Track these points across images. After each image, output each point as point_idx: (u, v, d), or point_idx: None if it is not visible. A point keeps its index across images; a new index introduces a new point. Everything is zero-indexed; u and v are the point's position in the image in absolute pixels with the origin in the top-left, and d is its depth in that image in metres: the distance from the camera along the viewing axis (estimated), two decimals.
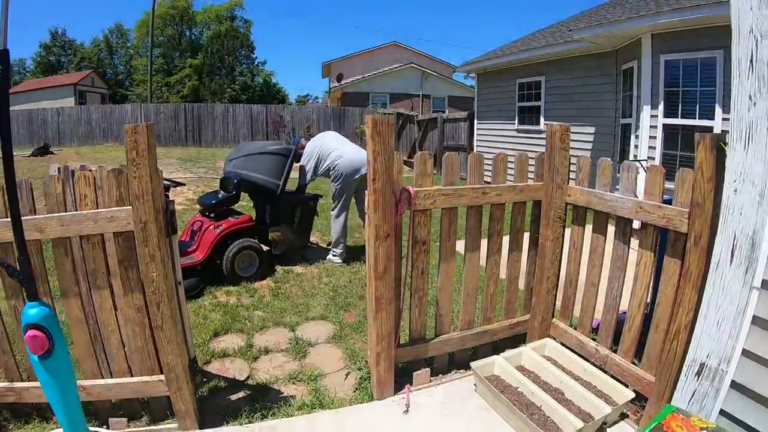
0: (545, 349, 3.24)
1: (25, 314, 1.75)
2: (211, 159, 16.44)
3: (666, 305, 2.54)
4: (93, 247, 2.37)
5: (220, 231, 4.72)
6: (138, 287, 2.39)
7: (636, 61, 7.59)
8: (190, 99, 38.97)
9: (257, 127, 23.03)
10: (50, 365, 1.79)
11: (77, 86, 35.70)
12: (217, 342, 3.57)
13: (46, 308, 1.78)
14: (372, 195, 2.60)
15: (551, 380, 2.91)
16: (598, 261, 3.05)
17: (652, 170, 2.64)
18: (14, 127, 22.77)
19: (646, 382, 2.62)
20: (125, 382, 2.52)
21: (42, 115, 22.96)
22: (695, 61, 6.66)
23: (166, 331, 2.35)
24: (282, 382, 3.08)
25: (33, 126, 22.87)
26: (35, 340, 1.73)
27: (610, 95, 8.90)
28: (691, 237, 2.32)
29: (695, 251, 2.29)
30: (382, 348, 2.78)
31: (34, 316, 1.74)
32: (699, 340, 2.20)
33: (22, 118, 23.09)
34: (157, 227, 2.23)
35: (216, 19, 44.91)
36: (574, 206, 3.19)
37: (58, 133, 22.50)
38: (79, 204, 2.36)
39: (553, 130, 3.12)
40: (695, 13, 6.22)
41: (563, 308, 3.36)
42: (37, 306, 1.76)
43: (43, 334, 1.73)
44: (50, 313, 1.79)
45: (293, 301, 4.36)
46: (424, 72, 28.01)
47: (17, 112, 24.10)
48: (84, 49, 48.40)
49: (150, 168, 2.18)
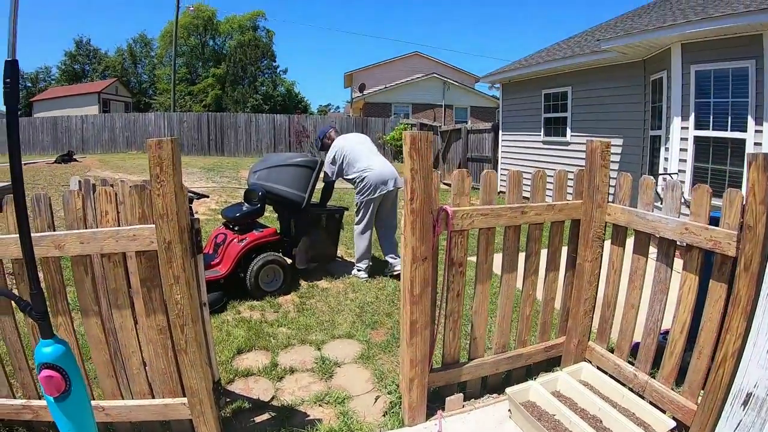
0: (581, 374, 3.10)
1: (39, 353, 1.60)
2: (234, 168, 16.47)
3: (710, 330, 2.42)
4: (114, 265, 2.27)
5: (244, 244, 4.63)
6: (161, 308, 2.29)
7: (665, 72, 7.42)
8: (212, 108, 39.39)
9: (280, 137, 23.10)
10: (67, 407, 1.64)
11: (101, 94, 36.29)
12: (240, 360, 3.46)
13: (61, 346, 1.63)
14: (409, 216, 2.46)
15: (589, 407, 2.77)
16: (639, 283, 2.91)
17: (698, 190, 2.50)
18: (39, 134, 23.28)
19: (687, 410, 2.49)
20: (146, 404, 2.43)
21: (66, 122, 23.34)
22: (726, 71, 6.48)
23: (189, 354, 2.24)
24: (308, 405, 2.95)
25: (57, 133, 23.27)
26: (50, 381, 1.58)
27: (638, 106, 8.71)
28: (741, 261, 2.20)
29: (745, 276, 2.16)
30: (416, 374, 2.64)
31: (49, 355, 1.59)
32: (747, 368, 2.08)
33: (47, 124, 23.54)
34: (182, 247, 2.12)
35: (239, 29, 45.47)
36: (614, 226, 3.05)
37: (81, 140, 22.83)
38: (99, 221, 2.27)
39: (594, 147, 2.98)
40: (726, 22, 6.06)
41: (600, 331, 3.21)
42: (52, 344, 1.61)
43: (58, 375, 1.58)
44: (67, 351, 1.63)
45: (318, 317, 4.25)
46: (446, 82, 27.97)
47: (42, 118, 24.59)
48: (108, 58, 49.35)
49: (175, 185, 2.06)
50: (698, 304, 2.56)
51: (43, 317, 1.60)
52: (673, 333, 2.64)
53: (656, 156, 8.00)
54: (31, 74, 49.64)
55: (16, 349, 2.41)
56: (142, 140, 22.80)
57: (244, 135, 23.03)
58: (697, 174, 6.76)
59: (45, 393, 1.60)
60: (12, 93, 1.33)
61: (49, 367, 1.57)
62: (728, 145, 6.40)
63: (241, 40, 43.58)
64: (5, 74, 1.30)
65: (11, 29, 1.32)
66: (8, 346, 2.41)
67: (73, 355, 1.68)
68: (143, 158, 19.58)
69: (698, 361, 2.48)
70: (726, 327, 2.26)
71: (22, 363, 2.43)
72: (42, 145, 23.14)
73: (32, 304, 1.59)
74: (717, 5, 7.25)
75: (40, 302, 1.59)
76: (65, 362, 1.60)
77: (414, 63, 30.91)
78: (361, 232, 5.39)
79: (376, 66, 31.53)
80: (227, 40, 46.75)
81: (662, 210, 2.71)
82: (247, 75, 42.35)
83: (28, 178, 12.05)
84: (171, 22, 37.87)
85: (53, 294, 2.29)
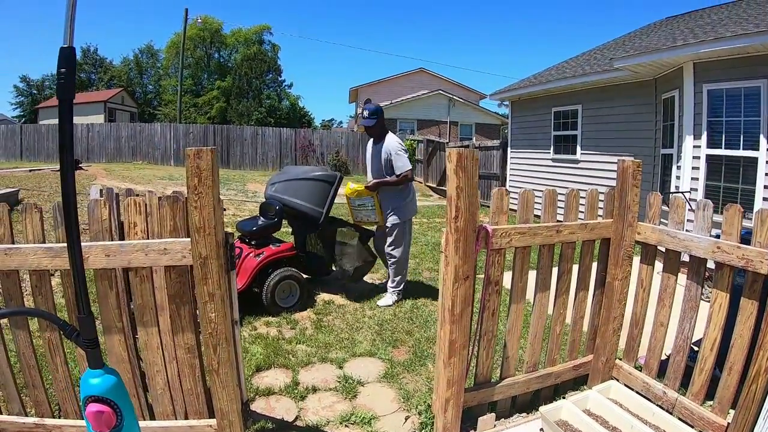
0: (610, 392, 3.05)
1: (86, 384, 1.41)
2: (241, 181, 16.44)
3: (741, 347, 2.45)
4: (141, 280, 2.19)
5: (261, 259, 4.56)
6: (190, 326, 2.23)
7: (677, 91, 7.43)
8: (217, 120, 39.45)
9: (286, 150, 23.09)
10: None
11: (107, 103, 36.44)
12: (260, 378, 3.38)
13: (113, 377, 1.44)
14: (453, 234, 2.41)
15: (620, 425, 2.74)
16: (668, 301, 2.92)
17: (730, 210, 2.53)
18: (44, 141, 23.32)
19: (717, 426, 2.50)
20: (170, 426, 2.34)
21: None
22: (739, 91, 6.50)
23: (221, 375, 2.16)
24: (334, 425, 2.87)
25: None
26: (100, 417, 1.38)
27: (649, 125, 8.70)
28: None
29: None
30: (452, 394, 2.57)
31: (99, 387, 1.40)
32: None
33: (53, 132, 23.56)
34: (218, 263, 2.04)
35: (245, 42, 45.67)
36: (644, 244, 3.05)
37: (87, 149, 22.77)
38: (127, 233, 2.20)
39: (626, 166, 2.96)
40: (739, 42, 6.10)
41: (627, 349, 3.21)
42: (102, 374, 1.42)
43: (109, 409, 1.39)
44: (118, 382, 1.45)
45: (337, 335, 4.17)
46: (451, 99, 28.09)
47: (48, 126, 24.61)
48: (114, 68, 49.59)
49: (213, 197, 2.00)
50: (726, 322, 2.58)
51: (92, 345, 1.41)
52: (703, 350, 2.67)
53: (668, 174, 7.98)
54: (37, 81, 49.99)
55: (30, 366, 2.32)
56: (147, 150, 22.82)
57: (250, 148, 23.01)
58: (708, 192, 6.74)
59: (93, 429, 1.41)
60: (67, 84, 1.19)
61: (98, 401, 1.40)
62: (740, 163, 6.41)
63: (247, 53, 43.75)
64: (60, 63, 1.17)
65: (68, 14, 1.20)
66: (22, 362, 2.32)
67: (125, 386, 1.51)
68: (148, 168, 19.61)
69: (729, 377, 2.50)
70: (759, 344, 2.27)
71: (36, 380, 2.34)
72: (47, 152, 23.14)
73: (80, 329, 1.41)
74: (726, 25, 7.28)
75: (90, 328, 1.41)
76: (117, 395, 1.43)
77: (419, 79, 31.07)
78: (404, 256, 5.07)
79: (381, 81, 31.64)
80: (233, 53, 46.97)
81: (693, 229, 2.73)
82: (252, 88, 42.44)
83: (34, 184, 12.02)
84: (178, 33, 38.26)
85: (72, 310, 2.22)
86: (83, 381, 1.41)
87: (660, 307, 2.96)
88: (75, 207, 1.29)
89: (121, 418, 1.42)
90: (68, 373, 2.34)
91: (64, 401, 2.37)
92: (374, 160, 5.02)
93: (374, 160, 5.02)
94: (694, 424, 2.64)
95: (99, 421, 1.38)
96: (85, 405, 1.40)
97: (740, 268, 2.46)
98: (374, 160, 5.02)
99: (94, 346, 1.40)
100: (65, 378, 2.33)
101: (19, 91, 49.74)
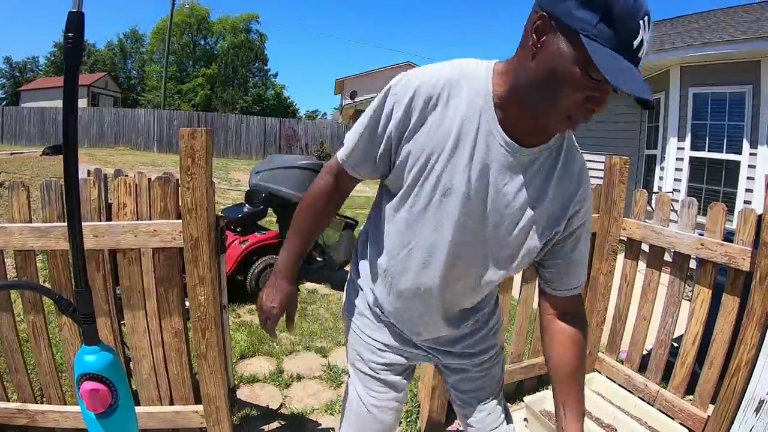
0: (593, 384, 3.13)
1: (81, 361, 1.32)
2: (224, 169, 16.31)
3: (722, 342, 2.55)
4: (129, 262, 2.15)
5: (246, 246, 4.53)
6: (177, 310, 2.20)
7: (663, 93, 7.54)
8: (201, 108, 38.97)
9: (270, 140, 22.95)
10: (111, 423, 1.36)
11: (91, 88, 35.82)
12: (244, 365, 3.37)
13: (109, 353, 1.34)
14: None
15: (603, 416, 2.81)
16: (651, 296, 3.01)
17: (714, 208, 2.63)
18: (25, 124, 22.93)
19: (698, 418, 2.60)
20: (156, 412, 2.31)
21: (54, 114, 22.88)
22: (724, 95, 6.63)
23: (209, 360, 2.14)
24: (319, 413, 2.88)
25: (44, 124, 22.87)
26: (95, 395, 1.30)
27: (634, 125, 8.81)
28: (756, 275, 2.30)
29: (761, 290, 2.27)
30: (438, 382, 2.57)
31: (95, 364, 1.31)
32: (760, 376, 2.24)
33: (34, 115, 23.15)
34: (209, 246, 2.03)
35: (231, 30, 45.20)
36: (629, 240, 3.12)
37: None
38: (116, 214, 2.16)
39: (613, 162, 3.03)
40: (726, 48, 6.21)
41: (610, 342, 3.29)
42: (98, 351, 1.32)
43: (105, 388, 1.31)
44: (115, 360, 1.35)
45: (322, 324, 4.17)
46: None
47: (29, 108, 24.15)
48: (98, 52, 48.75)
49: (206, 179, 1.98)
50: (708, 318, 2.68)
51: (89, 320, 1.32)
52: (685, 344, 2.76)
53: (651, 175, 8.10)
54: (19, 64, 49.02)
55: (13, 349, 2.26)
56: (130, 136, 22.56)
57: (234, 136, 22.84)
58: (691, 193, 6.88)
59: (87, 408, 1.33)
60: (75, 48, 1.13)
61: (93, 379, 1.31)
62: (723, 166, 6.56)
63: (234, 41, 43.36)
64: (68, 27, 1.11)
65: None
66: (5, 345, 2.26)
67: (121, 364, 1.42)
68: (130, 154, 19.39)
69: (709, 371, 2.59)
70: (740, 338, 2.36)
71: (18, 364, 2.28)
72: (28, 136, 22.74)
73: (77, 303, 1.30)
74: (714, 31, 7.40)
75: (87, 302, 1.31)
76: (113, 373, 1.34)
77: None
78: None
79: (367, 74, 31.45)
80: (219, 41, 46.48)
81: (678, 226, 2.83)
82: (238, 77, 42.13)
83: (15, 167, 11.82)
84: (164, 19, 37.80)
85: (59, 291, 2.16)
86: (78, 358, 1.34)
87: (643, 301, 3.04)
88: (76, 170, 1.23)
89: (117, 397, 1.35)
90: (52, 356, 2.30)
91: (47, 386, 2.33)
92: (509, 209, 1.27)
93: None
94: (675, 416, 2.72)
95: (94, 399, 1.31)
96: (79, 383, 1.33)
97: (723, 265, 2.55)
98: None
99: (91, 322, 1.32)
100: (49, 362, 2.29)
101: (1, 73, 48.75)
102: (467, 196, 1.19)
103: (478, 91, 1.16)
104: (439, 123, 1.17)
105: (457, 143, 1.16)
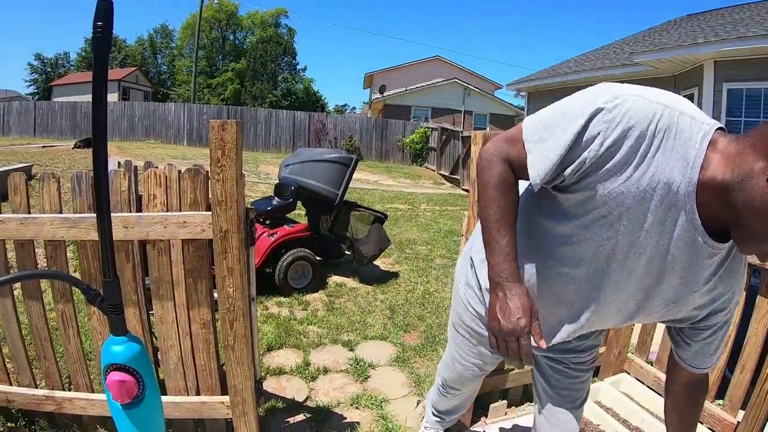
0: (621, 385, 3.08)
1: (108, 351, 1.32)
2: (254, 163, 16.41)
3: (754, 346, 2.44)
4: (159, 253, 2.15)
5: (275, 239, 4.54)
6: (206, 301, 2.19)
7: (697, 89, 7.34)
8: (230, 102, 39.39)
9: (299, 134, 23.01)
10: (138, 414, 1.36)
11: (122, 82, 36.45)
12: (271, 357, 3.37)
13: (136, 344, 1.34)
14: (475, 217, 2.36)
15: (630, 418, 2.78)
16: None
17: None
18: (57, 118, 23.36)
19: (727, 424, 2.52)
20: (181, 401, 2.30)
21: (86, 108, 23.22)
22: (759, 91, 6.42)
23: (237, 351, 2.12)
24: (344, 406, 2.86)
25: (76, 118, 23.28)
26: (122, 386, 1.30)
27: None
28: None
29: None
30: None
31: (122, 355, 1.31)
32: None
33: (66, 109, 23.59)
34: (238, 237, 2.00)
35: (261, 25, 45.53)
36: None
37: None
38: (146, 205, 2.16)
39: None
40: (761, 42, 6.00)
41: (640, 343, 3.21)
42: (126, 341, 1.33)
43: (132, 379, 1.30)
44: (142, 351, 1.35)
45: (349, 317, 4.15)
46: (466, 88, 27.88)
47: (61, 103, 24.64)
48: (128, 47, 49.55)
49: (236, 170, 1.95)
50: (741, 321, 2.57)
51: (117, 310, 1.31)
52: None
53: None
54: (51, 59, 50.10)
55: (42, 337, 2.30)
56: (160, 130, 22.85)
57: (263, 130, 22.95)
58: None
59: (113, 399, 1.33)
60: (104, 38, 1.10)
61: (120, 369, 1.31)
62: None
63: (263, 36, 43.64)
64: (97, 16, 1.09)
65: None
66: (34, 334, 2.30)
67: (148, 355, 1.42)
68: (161, 147, 19.65)
69: (741, 375, 2.50)
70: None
71: (48, 352, 2.32)
72: (60, 130, 23.20)
73: (105, 294, 1.30)
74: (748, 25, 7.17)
75: (115, 293, 1.30)
76: (140, 364, 1.33)
77: (435, 67, 30.85)
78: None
79: (396, 68, 31.48)
80: (248, 36, 46.86)
81: None
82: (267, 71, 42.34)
83: (47, 160, 12.06)
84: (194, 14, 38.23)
85: (89, 281, 2.17)
86: (105, 348, 1.33)
87: None
88: (106, 161, 1.21)
89: (144, 388, 1.34)
90: (80, 345, 2.32)
91: (75, 374, 2.35)
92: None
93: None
94: (704, 421, 2.64)
95: (121, 390, 1.31)
96: (105, 374, 1.32)
97: (756, 267, 2.43)
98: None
99: (118, 312, 1.31)
100: (77, 350, 2.31)
101: (33, 68, 49.82)
102: (652, 261, 1.18)
103: (687, 160, 1.05)
104: (638, 179, 1.08)
105: (647, 211, 1.11)
